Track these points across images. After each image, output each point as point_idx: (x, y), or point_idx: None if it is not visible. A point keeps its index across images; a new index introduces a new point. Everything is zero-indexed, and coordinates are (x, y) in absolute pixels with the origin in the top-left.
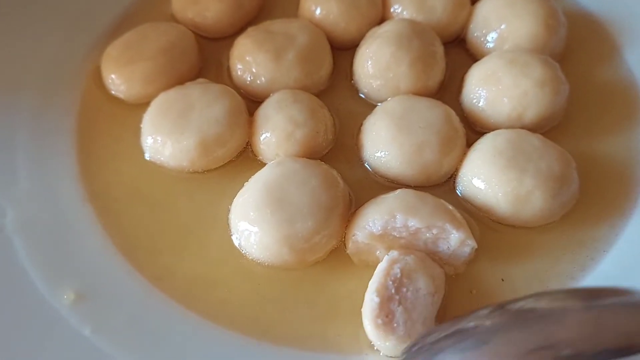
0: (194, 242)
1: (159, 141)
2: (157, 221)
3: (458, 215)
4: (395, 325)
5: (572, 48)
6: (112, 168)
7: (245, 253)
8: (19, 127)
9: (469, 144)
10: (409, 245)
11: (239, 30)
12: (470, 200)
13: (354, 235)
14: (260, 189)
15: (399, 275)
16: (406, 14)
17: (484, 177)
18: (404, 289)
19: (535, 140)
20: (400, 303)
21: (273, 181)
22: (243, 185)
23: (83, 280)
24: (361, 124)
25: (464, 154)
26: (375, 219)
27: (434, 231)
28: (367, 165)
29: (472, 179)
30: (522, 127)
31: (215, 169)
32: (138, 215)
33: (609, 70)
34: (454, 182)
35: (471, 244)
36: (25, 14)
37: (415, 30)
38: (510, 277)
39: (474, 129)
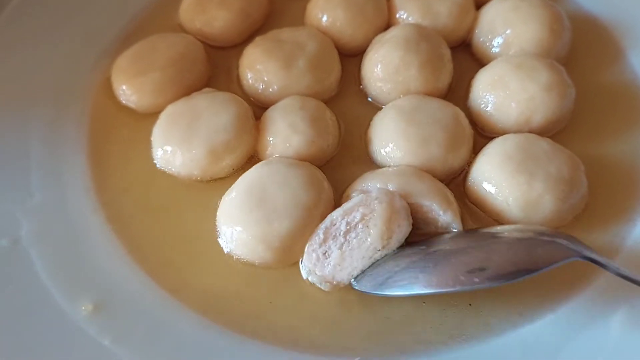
0: (208, 250)
1: (169, 152)
2: (170, 231)
3: (451, 198)
4: (324, 264)
5: (576, 52)
6: (125, 178)
7: (227, 250)
8: (32, 140)
9: (477, 148)
10: None
11: (247, 38)
12: (480, 205)
13: (348, 195)
14: (243, 188)
15: (355, 220)
16: (412, 20)
17: (494, 181)
18: (352, 235)
19: (544, 144)
20: (341, 247)
21: (256, 180)
22: None
23: (100, 291)
24: (370, 120)
25: (470, 155)
26: (369, 185)
27: (423, 209)
28: (374, 160)
29: (482, 183)
30: (530, 131)
31: (227, 177)
32: (151, 225)
33: (613, 74)
34: (463, 186)
35: (457, 226)
36: (34, 28)
37: (423, 34)
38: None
39: (481, 133)
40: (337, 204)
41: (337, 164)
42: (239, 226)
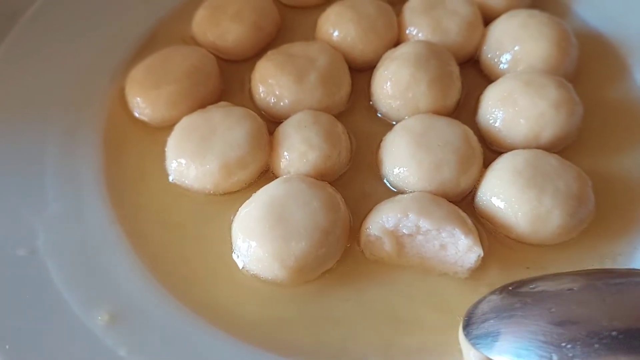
0: (223, 265)
1: (183, 164)
2: (184, 243)
3: (469, 222)
4: None
5: (583, 68)
6: (139, 190)
7: (241, 266)
8: (47, 150)
9: (485, 162)
10: (419, 245)
11: (259, 52)
12: (489, 219)
13: (367, 229)
14: (263, 203)
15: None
16: (422, 36)
17: (503, 196)
18: None
19: (553, 160)
20: None
21: (277, 197)
22: None
23: (116, 302)
24: (381, 141)
25: (481, 173)
26: (389, 216)
27: (443, 234)
28: (386, 182)
29: (491, 198)
30: (538, 147)
31: (239, 190)
32: (166, 237)
33: (619, 90)
34: (472, 200)
35: (478, 251)
36: (49, 40)
37: (432, 51)
38: None
39: (490, 148)
40: (351, 225)
41: (349, 180)
42: (255, 241)
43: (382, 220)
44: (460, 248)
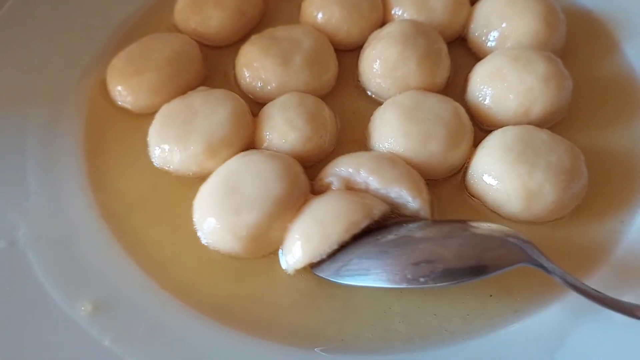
0: (204, 248)
1: (167, 150)
2: (167, 228)
3: (422, 186)
4: None
5: (572, 44)
6: (122, 178)
7: (204, 242)
8: (28, 141)
9: (476, 141)
10: None
11: (242, 37)
12: (481, 198)
13: (321, 177)
14: (219, 178)
15: None
16: (407, 16)
17: (494, 173)
18: None
19: (544, 135)
20: None
21: (232, 171)
22: None
23: (99, 291)
24: (371, 114)
25: (471, 151)
26: (342, 168)
27: (392, 194)
28: None
29: (483, 175)
30: (529, 123)
31: None
32: (149, 223)
33: (608, 65)
34: (464, 179)
35: (425, 214)
36: (29, 30)
37: (419, 30)
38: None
39: (480, 127)
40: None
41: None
42: (210, 216)
43: (336, 171)
44: (409, 210)
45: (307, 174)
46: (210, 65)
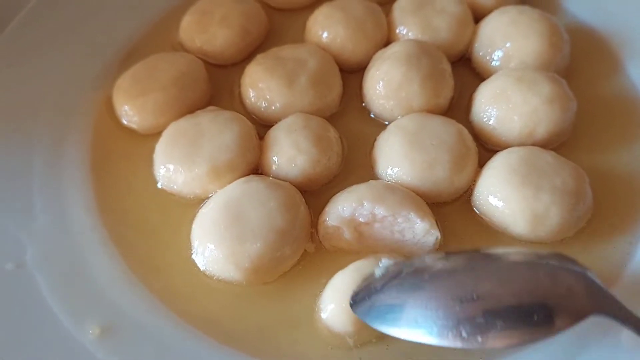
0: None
1: (172, 170)
2: (175, 252)
3: (425, 207)
4: None
5: (575, 64)
6: (128, 199)
7: (202, 268)
8: (34, 162)
9: (481, 161)
10: (378, 232)
11: (247, 56)
12: (487, 218)
13: (325, 220)
14: (220, 204)
15: None
16: (412, 35)
17: (500, 195)
18: None
19: (549, 156)
20: None
21: (234, 198)
22: None
23: (107, 314)
24: (374, 140)
25: (476, 172)
26: (344, 205)
27: (399, 219)
28: (380, 179)
29: (488, 197)
30: (533, 144)
31: None
32: (155, 246)
33: (612, 85)
34: (469, 199)
35: (435, 233)
36: (35, 48)
37: (423, 50)
38: None
39: (485, 147)
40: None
41: (341, 182)
42: (210, 243)
43: (339, 210)
44: (418, 232)
45: (311, 202)
46: (216, 83)
